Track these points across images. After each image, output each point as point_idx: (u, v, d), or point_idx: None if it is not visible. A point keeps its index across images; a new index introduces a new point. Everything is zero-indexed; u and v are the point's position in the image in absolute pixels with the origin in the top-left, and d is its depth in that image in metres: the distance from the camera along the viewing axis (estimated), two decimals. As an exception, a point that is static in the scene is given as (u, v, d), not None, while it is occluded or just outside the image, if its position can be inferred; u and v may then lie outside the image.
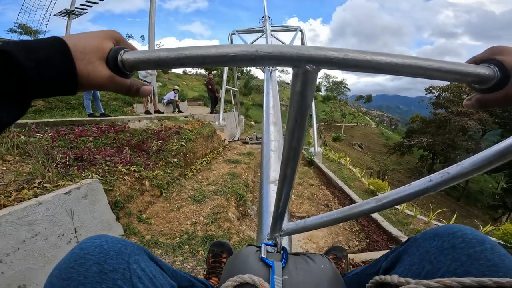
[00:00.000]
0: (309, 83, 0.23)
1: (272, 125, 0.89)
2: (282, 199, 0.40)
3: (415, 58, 0.23)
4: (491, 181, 21.86)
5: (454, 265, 0.34)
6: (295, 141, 0.29)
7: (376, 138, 28.90)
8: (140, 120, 4.63)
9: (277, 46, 0.23)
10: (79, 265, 0.32)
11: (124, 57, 0.25)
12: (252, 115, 17.39)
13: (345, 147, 21.22)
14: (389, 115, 54.06)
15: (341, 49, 0.22)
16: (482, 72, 0.25)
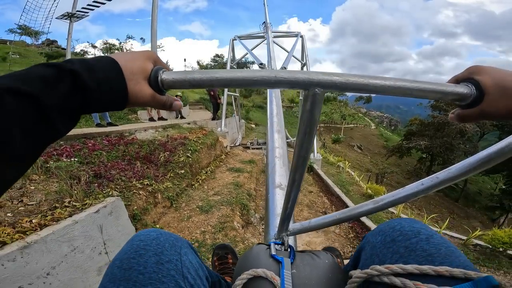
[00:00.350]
0: (317, 103, 0.28)
1: (276, 132, 0.93)
2: (290, 201, 0.44)
3: (404, 81, 0.28)
4: (489, 182, 22.21)
5: (395, 257, 0.37)
6: (304, 150, 0.33)
7: (375, 140, 29.23)
8: (146, 130, 4.85)
9: (291, 72, 0.27)
10: (139, 255, 0.35)
11: (163, 77, 0.29)
12: (252, 117, 17.60)
13: (344, 149, 21.49)
14: (389, 115, 54.65)
15: (343, 74, 0.27)
16: (461, 91, 0.29)
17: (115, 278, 0.33)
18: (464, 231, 14.25)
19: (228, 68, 8.13)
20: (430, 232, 0.38)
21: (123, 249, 0.37)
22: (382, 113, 55.58)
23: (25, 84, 0.21)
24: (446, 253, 0.35)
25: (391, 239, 0.39)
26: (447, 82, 0.32)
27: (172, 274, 0.35)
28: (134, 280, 0.33)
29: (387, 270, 0.34)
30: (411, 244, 0.37)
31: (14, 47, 23.88)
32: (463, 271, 0.31)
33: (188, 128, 6.04)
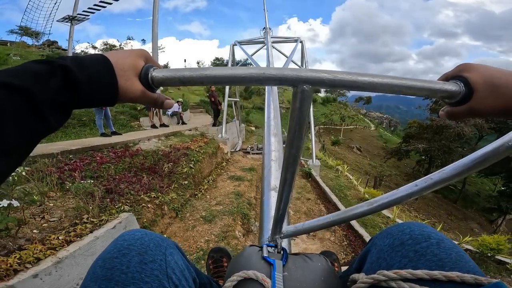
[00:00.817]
0: (305, 99, 0.28)
1: (273, 136, 0.94)
2: (282, 201, 0.43)
3: (392, 78, 0.28)
4: (488, 183, 22.51)
5: (403, 261, 0.36)
6: (294, 148, 0.33)
7: (375, 141, 29.55)
8: (150, 139, 5.07)
9: (280, 69, 0.28)
10: (122, 255, 0.35)
11: (153, 75, 0.30)
12: (252, 119, 17.82)
13: (344, 150, 21.75)
14: (388, 116, 55.11)
15: (332, 71, 0.28)
16: (449, 88, 0.29)
17: (96, 277, 0.34)
18: (461, 232, 14.49)
19: None
20: (440, 236, 0.37)
21: (106, 249, 0.38)
22: (382, 114, 56.15)
23: (18, 79, 0.22)
24: (457, 258, 0.34)
25: (400, 243, 0.38)
26: (438, 80, 0.32)
27: (156, 274, 0.35)
28: (116, 280, 0.33)
29: (396, 275, 0.34)
30: (421, 248, 0.36)
31: (15, 49, 24.04)
32: (473, 276, 0.31)
33: (189, 136, 6.26)
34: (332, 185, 8.31)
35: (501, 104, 0.28)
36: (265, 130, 1.00)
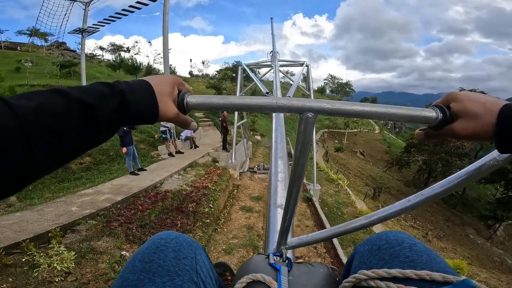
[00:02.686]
0: (309, 125, 0.35)
1: (280, 159, 1.02)
2: (288, 213, 0.49)
3: (379, 107, 0.35)
4: (490, 188, 23.15)
5: (380, 263, 0.42)
6: (300, 166, 0.40)
7: (378, 145, 30.16)
8: (172, 176, 6.03)
9: (289, 99, 0.35)
10: (160, 250, 0.41)
11: (188, 100, 0.37)
12: (258, 127, 18.44)
13: (347, 156, 22.48)
14: None
15: (331, 101, 0.35)
16: (428, 114, 0.35)
17: (135, 269, 0.38)
18: (455, 239, 15.39)
19: (238, 94, 9.09)
20: (413, 241, 0.43)
21: (144, 246, 0.43)
22: None
23: (87, 95, 0.28)
24: (427, 259, 0.39)
25: (377, 248, 0.44)
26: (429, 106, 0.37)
27: (187, 269, 0.41)
28: (154, 272, 0.38)
29: (374, 274, 0.39)
30: (395, 251, 0.41)
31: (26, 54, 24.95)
32: (442, 275, 0.35)
33: (203, 166, 7.21)
34: (331, 202, 9.27)
35: (477, 129, 0.33)
36: (273, 153, 1.09)
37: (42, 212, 3.82)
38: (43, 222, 3.45)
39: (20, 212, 3.83)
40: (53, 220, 3.53)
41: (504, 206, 16.26)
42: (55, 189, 5.37)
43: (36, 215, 3.70)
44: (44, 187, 5.48)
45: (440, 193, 0.40)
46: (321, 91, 59.80)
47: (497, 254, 14.80)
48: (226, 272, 0.76)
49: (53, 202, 4.25)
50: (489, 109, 0.32)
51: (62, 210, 3.93)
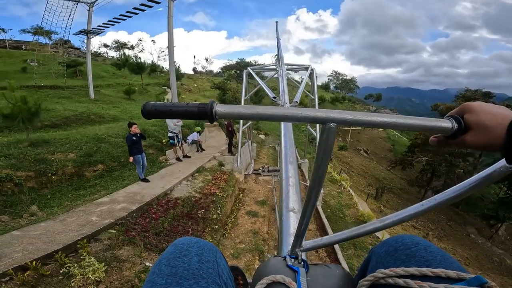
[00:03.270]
0: (331, 134, 0.37)
1: (290, 164, 1.04)
2: (305, 217, 0.51)
3: (397, 117, 0.37)
4: (493, 187, 23.19)
5: (397, 263, 0.45)
6: (320, 172, 0.42)
7: (382, 143, 30.22)
8: (181, 182, 6.35)
9: (313, 110, 0.37)
10: (184, 255, 0.44)
11: (216, 109, 0.39)
12: (262, 126, 18.55)
13: (351, 154, 22.64)
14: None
15: (354, 112, 0.37)
16: (444, 125, 0.38)
17: (163, 273, 0.41)
18: (456, 239, 15.61)
19: (243, 97, 9.29)
20: (428, 243, 0.46)
21: (168, 251, 0.47)
22: (393, 111, 55.45)
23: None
24: (441, 259, 0.42)
25: (394, 249, 0.47)
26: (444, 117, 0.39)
27: (210, 272, 0.44)
28: (180, 275, 0.40)
29: (392, 273, 0.41)
30: (411, 252, 0.44)
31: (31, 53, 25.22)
32: (456, 272, 0.38)
33: (210, 170, 7.52)
34: (333, 204, 9.57)
35: (487, 141, 0.35)
36: (283, 158, 1.11)
37: (65, 222, 4.18)
38: (69, 233, 3.80)
39: (44, 223, 4.18)
40: (77, 231, 3.88)
41: (506, 206, 16.39)
42: (72, 197, 5.74)
43: (60, 226, 4.06)
44: (62, 195, 5.85)
45: (452, 198, 0.43)
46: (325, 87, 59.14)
47: (497, 254, 15.04)
48: (238, 277, 0.78)
49: (74, 212, 4.61)
50: (500, 122, 0.34)
51: (83, 220, 4.28)
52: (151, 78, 32.63)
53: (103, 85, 23.76)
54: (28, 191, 5.67)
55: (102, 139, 8.04)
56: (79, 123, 11.38)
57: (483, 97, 24.06)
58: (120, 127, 9.66)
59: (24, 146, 6.82)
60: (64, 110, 12.11)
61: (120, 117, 13.11)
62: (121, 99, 19.04)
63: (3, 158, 5.99)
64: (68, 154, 6.94)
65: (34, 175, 6.03)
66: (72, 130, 10.28)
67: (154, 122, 10.54)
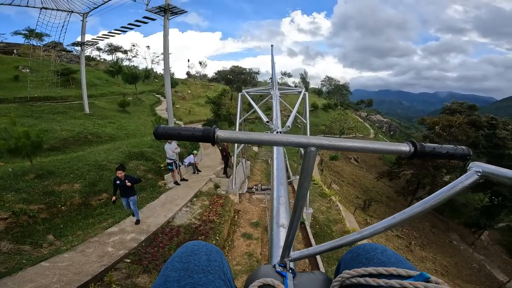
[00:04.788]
0: (311, 157, 0.47)
1: (281, 185, 1.18)
2: (292, 229, 0.59)
3: (366, 142, 0.48)
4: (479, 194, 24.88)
5: (359, 265, 0.53)
6: (303, 189, 0.51)
7: (372, 151, 31.45)
8: (181, 209, 7.20)
9: (297, 137, 0.48)
10: (194, 254, 0.53)
11: (217, 134, 0.48)
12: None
13: (341, 163, 23.85)
14: (389, 121, 56.80)
15: (329, 138, 0.48)
16: (403, 149, 0.49)
17: (175, 268, 0.49)
18: (439, 246, 16.85)
19: (237, 120, 10.15)
20: (384, 248, 0.56)
21: (179, 251, 0.55)
22: (383, 117, 57.68)
23: None
24: (395, 261, 0.52)
25: (357, 255, 0.57)
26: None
27: (217, 269, 0.52)
28: (191, 270, 0.48)
29: (355, 273, 0.50)
30: (370, 256, 0.54)
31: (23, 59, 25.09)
32: (405, 270, 0.47)
33: (207, 194, 8.40)
34: (322, 220, 10.58)
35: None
36: (274, 179, 1.23)
37: (85, 254, 4.98)
38: (92, 264, 4.61)
39: (67, 254, 4.97)
40: (99, 262, 4.69)
41: (487, 215, 17.85)
42: (83, 226, 6.50)
43: (82, 257, 4.86)
44: (73, 224, 6.60)
45: (420, 211, 0.50)
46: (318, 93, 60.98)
47: (477, 261, 16.34)
48: None
49: (89, 242, 5.40)
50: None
51: (100, 250, 5.09)
52: (145, 85, 33.06)
53: (97, 94, 24.16)
54: (42, 221, 6.40)
55: (103, 166, 8.76)
56: (77, 144, 12.02)
57: (468, 109, 26.02)
58: (117, 150, 10.35)
59: (31, 178, 7.49)
60: (61, 130, 12.69)
61: (116, 135, 13.78)
62: (116, 112, 19.56)
63: (14, 193, 6.68)
64: (73, 184, 7.66)
65: (45, 207, 6.75)
66: (71, 153, 10.93)
67: (151, 143, 11.32)
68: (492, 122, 22.96)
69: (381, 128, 48.72)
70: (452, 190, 0.46)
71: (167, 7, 10.47)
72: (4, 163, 8.93)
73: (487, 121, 23.14)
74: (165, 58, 12.58)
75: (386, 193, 21.56)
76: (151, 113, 21.83)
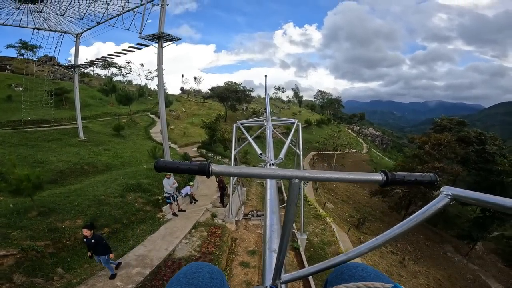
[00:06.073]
0: (295, 188, 0.54)
1: (273, 213, 1.26)
2: (282, 251, 0.65)
3: (343, 173, 0.56)
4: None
5: (342, 282, 0.62)
6: (290, 215, 0.58)
7: (366, 166, 32.97)
8: (180, 242, 7.72)
9: (283, 170, 0.55)
10: (198, 271, 0.62)
11: (212, 168, 0.56)
12: (251, 159, 19.89)
13: (335, 179, 24.60)
14: (381, 134, 58.68)
15: (312, 171, 0.55)
16: (376, 178, 0.57)
17: (181, 283, 0.57)
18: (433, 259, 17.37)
19: (232, 152, 10.79)
20: (365, 266, 0.65)
21: (184, 269, 0.64)
22: (375, 130, 59.59)
23: None
24: (374, 276, 0.60)
25: (340, 273, 0.66)
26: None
27: (218, 286, 0.59)
28: (196, 285, 0.56)
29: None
30: (352, 273, 0.63)
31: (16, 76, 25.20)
32: (381, 283, 0.54)
33: (205, 225, 8.94)
34: (316, 242, 11.15)
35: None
36: (268, 209, 1.32)
37: (96, 289, 5.45)
38: (106, 301, 5.08)
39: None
40: (111, 299, 5.17)
41: (479, 227, 18.70)
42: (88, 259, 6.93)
43: (93, 293, 5.32)
44: (79, 257, 7.02)
45: (399, 233, 0.56)
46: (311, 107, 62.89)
47: (472, 271, 16.85)
48: None
49: (98, 276, 5.88)
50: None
51: (110, 285, 5.58)
52: (139, 104, 33.53)
53: (91, 116, 24.33)
54: (49, 255, 6.83)
55: (102, 201, 9.24)
56: (74, 176, 12.44)
57: (458, 125, 27.67)
58: (115, 182, 10.83)
59: (34, 216, 7.93)
60: (57, 161, 13.12)
61: (112, 164, 14.27)
62: (111, 137, 20.02)
63: (19, 230, 7.12)
64: (76, 221, 8.11)
65: (51, 243, 7.18)
66: (69, 185, 11.34)
67: (148, 173, 11.89)
68: (480, 137, 24.45)
69: (374, 142, 50.22)
70: (427, 213, 0.53)
71: (161, 35, 10.68)
72: (4, 197, 9.31)
73: (475, 136, 24.62)
74: (160, 88, 13.03)
75: (380, 208, 22.31)
76: (146, 136, 22.39)
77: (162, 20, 10.59)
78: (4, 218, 7.41)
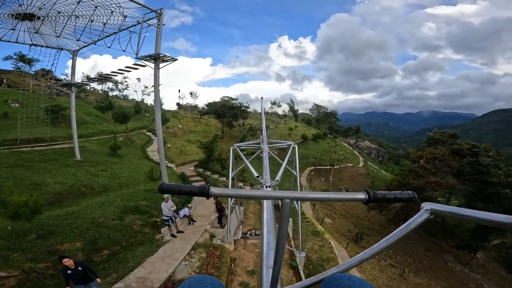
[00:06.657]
0: (287, 208, 0.59)
1: (270, 232, 1.31)
2: (277, 265, 0.71)
3: (329, 193, 0.64)
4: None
5: None
6: (283, 232, 0.63)
7: (363, 180, 33.45)
8: (180, 263, 7.85)
9: (275, 192, 0.64)
10: (201, 282, 0.67)
11: (211, 190, 0.63)
12: (249, 176, 19.81)
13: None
14: (377, 146, 59.84)
15: (301, 192, 0.69)
16: (360, 197, 0.63)
17: None
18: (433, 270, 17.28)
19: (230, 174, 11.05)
20: (351, 276, 0.69)
21: (186, 282, 0.68)
22: (371, 142, 60.65)
23: None
24: (359, 285, 0.64)
25: (328, 283, 0.70)
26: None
27: None
28: None
29: None
30: (339, 283, 0.67)
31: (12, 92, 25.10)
32: None
33: (204, 246, 9.09)
34: (315, 260, 11.26)
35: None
36: (264, 228, 1.36)
37: (96, 318, 5.53)
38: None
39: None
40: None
41: (478, 237, 18.89)
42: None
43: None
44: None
45: (386, 247, 0.63)
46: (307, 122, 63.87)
47: (474, 280, 16.65)
48: None
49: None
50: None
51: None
52: (135, 121, 33.58)
53: (87, 134, 24.41)
54: (50, 276, 6.88)
55: (101, 223, 9.34)
56: (71, 197, 12.52)
57: (451, 138, 28.78)
58: (112, 204, 10.94)
59: (33, 238, 8.04)
60: (54, 183, 13.22)
61: (109, 186, 14.39)
62: (107, 157, 20.16)
63: (20, 253, 7.22)
64: (75, 243, 8.23)
65: (52, 264, 7.24)
66: (66, 207, 11.40)
67: (145, 195, 12.08)
68: (474, 149, 25.33)
69: (370, 155, 51.10)
70: (410, 226, 0.59)
71: (157, 55, 10.57)
72: (2, 219, 9.36)
73: (469, 148, 25.52)
74: (156, 107, 13.16)
75: (378, 221, 22.43)
76: (143, 156, 22.57)
77: (159, 41, 10.64)
78: (3, 240, 7.54)
